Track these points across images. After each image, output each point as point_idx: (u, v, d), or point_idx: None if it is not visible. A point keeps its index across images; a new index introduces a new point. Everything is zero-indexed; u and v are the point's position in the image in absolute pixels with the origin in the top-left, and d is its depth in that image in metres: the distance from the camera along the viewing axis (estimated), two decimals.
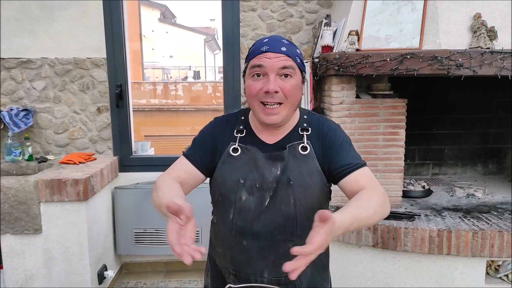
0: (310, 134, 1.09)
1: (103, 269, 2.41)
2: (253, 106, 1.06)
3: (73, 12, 2.59)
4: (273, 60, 1.01)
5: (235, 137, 1.11)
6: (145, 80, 12.99)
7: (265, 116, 1.03)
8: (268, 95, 1.01)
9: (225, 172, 1.08)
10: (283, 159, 1.06)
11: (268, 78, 1.01)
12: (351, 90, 2.06)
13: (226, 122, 1.16)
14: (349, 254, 2.07)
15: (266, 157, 1.07)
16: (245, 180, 1.05)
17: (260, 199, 1.04)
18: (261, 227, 1.04)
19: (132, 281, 2.72)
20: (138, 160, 2.82)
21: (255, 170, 1.06)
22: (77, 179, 2.13)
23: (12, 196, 2.09)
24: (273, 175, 1.05)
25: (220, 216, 1.12)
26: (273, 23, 2.69)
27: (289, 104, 1.04)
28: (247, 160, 1.07)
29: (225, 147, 1.10)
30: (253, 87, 1.03)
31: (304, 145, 1.07)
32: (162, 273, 2.83)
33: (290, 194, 1.03)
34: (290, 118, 1.10)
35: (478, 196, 2.40)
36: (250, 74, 1.05)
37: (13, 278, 2.20)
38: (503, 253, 1.86)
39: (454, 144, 2.86)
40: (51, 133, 2.72)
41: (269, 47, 1.02)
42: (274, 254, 1.05)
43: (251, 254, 1.06)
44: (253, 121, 1.13)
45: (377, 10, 2.06)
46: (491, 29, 1.89)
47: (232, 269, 1.10)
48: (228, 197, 1.06)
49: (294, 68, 1.03)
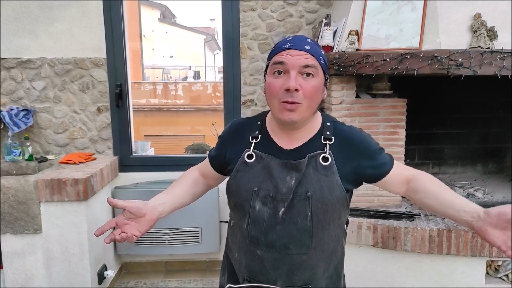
0: (333, 144, 1.05)
1: (103, 269, 2.41)
2: (272, 104, 1.02)
3: (73, 12, 2.59)
4: (295, 58, 0.98)
5: (250, 143, 1.08)
6: (145, 80, 12.98)
7: (283, 113, 0.99)
8: (288, 93, 0.97)
9: (239, 180, 1.06)
10: (300, 169, 1.01)
11: (289, 75, 0.97)
12: (351, 90, 2.06)
13: (242, 126, 1.14)
14: (349, 254, 2.05)
15: (281, 164, 1.03)
16: (259, 190, 1.03)
17: (273, 210, 1.01)
18: (275, 238, 1.02)
19: (132, 281, 2.72)
20: (138, 160, 2.82)
21: (269, 179, 1.03)
22: (77, 179, 2.13)
23: (12, 196, 2.09)
24: (287, 185, 1.01)
25: (236, 222, 1.12)
26: (273, 23, 2.68)
27: (307, 105, 0.99)
28: (261, 168, 1.04)
29: (237, 154, 1.09)
30: (273, 85, 1.00)
31: (325, 156, 1.02)
32: (162, 273, 2.83)
33: (308, 208, 1.00)
34: (309, 121, 1.05)
35: (478, 195, 2.40)
36: (271, 72, 1.02)
37: (13, 278, 2.20)
38: (502, 253, 1.86)
39: (454, 144, 2.86)
40: (51, 133, 2.72)
41: (292, 44, 1.00)
42: (287, 265, 1.04)
43: (264, 264, 1.04)
44: (271, 124, 1.10)
45: (377, 9, 2.06)
46: (491, 29, 1.89)
47: (247, 275, 1.09)
48: (243, 206, 1.05)
49: (316, 68, 1.00)
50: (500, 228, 0.91)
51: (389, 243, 1.95)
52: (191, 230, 2.63)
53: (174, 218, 2.62)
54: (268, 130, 1.10)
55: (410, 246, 1.92)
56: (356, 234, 2.01)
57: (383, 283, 2.03)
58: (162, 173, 2.77)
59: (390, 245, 1.96)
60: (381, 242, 1.97)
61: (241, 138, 1.11)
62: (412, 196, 1.10)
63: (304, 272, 1.05)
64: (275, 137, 1.08)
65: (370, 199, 2.14)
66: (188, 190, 1.20)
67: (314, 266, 1.06)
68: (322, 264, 1.07)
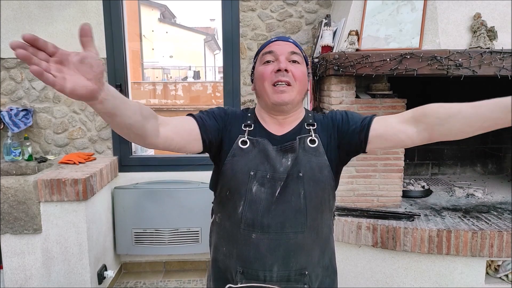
0: (316, 129, 1.12)
1: (102, 269, 2.41)
2: (264, 89, 1.09)
3: (72, 12, 2.59)
4: (282, 46, 1.10)
5: (243, 130, 1.11)
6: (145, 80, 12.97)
7: (276, 95, 1.06)
8: (279, 73, 1.06)
9: (235, 165, 1.08)
10: (294, 150, 1.07)
11: (279, 60, 1.07)
12: (350, 90, 2.06)
13: (236, 114, 1.17)
14: (348, 254, 2.07)
15: (276, 149, 1.08)
16: (256, 172, 1.06)
17: (271, 189, 1.05)
18: (271, 219, 1.04)
19: (132, 281, 2.72)
20: (138, 160, 2.82)
21: (266, 161, 1.06)
22: (77, 179, 2.13)
23: (12, 196, 2.09)
24: (284, 165, 1.06)
25: (226, 212, 1.11)
26: (273, 23, 2.69)
27: (297, 87, 1.08)
28: (257, 152, 1.08)
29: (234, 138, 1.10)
30: (264, 70, 1.09)
31: (312, 138, 1.09)
32: (161, 273, 2.83)
33: (300, 186, 1.05)
34: (297, 108, 1.13)
35: (477, 196, 2.41)
36: (261, 63, 1.11)
37: (13, 278, 2.20)
38: (502, 253, 1.87)
39: (454, 144, 2.86)
40: (51, 133, 2.72)
41: (277, 38, 1.13)
42: (283, 247, 1.05)
43: (259, 249, 1.05)
44: (260, 114, 1.16)
45: (377, 10, 2.06)
46: (491, 29, 1.89)
47: (240, 266, 1.07)
48: (238, 190, 1.06)
49: (301, 56, 1.11)
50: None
51: (389, 243, 1.96)
52: (191, 230, 2.63)
53: (174, 218, 2.63)
54: (259, 119, 1.15)
55: (410, 246, 1.92)
56: (355, 234, 2.01)
57: (382, 283, 2.03)
58: (161, 173, 2.77)
59: (389, 245, 1.96)
60: (381, 242, 1.97)
61: (238, 124, 1.13)
62: (431, 131, 0.94)
63: (300, 255, 1.06)
64: (265, 125, 1.14)
65: (370, 199, 2.14)
66: (138, 110, 0.87)
67: (310, 250, 1.08)
68: (317, 249, 1.10)
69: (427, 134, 0.96)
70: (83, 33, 0.69)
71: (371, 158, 2.09)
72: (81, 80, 0.69)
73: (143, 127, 0.87)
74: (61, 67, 0.67)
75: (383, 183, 2.13)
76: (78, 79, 0.68)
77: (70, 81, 0.67)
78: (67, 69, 0.68)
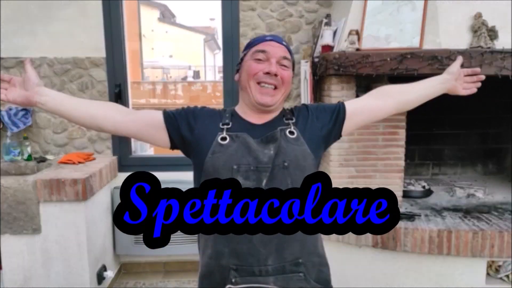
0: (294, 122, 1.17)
1: (102, 270, 2.41)
2: (249, 86, 1.12)
3: (72, 11, 2.58)
4: (276, 49, 1.13)
5: (221, 128, 1.13)
6: (145, 80, 12.96)
7: (260, 95, 1.11)
8: (268, 76, 1.10)
9: (216, 161, 1.08)
10: (276, 139, 1.09)
11: (270, 62, 1.11)
12: (350, 90, 2.06)
13: (213, 113, 1.19)
14: (348, 254, 2.06)
15: (257, 141, 1.10)
16: (239, 166, 1.06)
17: (257, 181, 1.06)
18: None
19: (131, 281, 2.71)
20: (138, 160, 2.82)
21: (248, 154, 1.07)
22: (76, 179, 2.12)
23: (11, 196, 2.08)
24: (267, 156, 1.07)
25: None
26: (273, 22, 2.68)
27: (283, 91, 1.14)
28: (238, 146, 1.09)
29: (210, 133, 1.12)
30: (254, 66, 1.12)
31: (291, 130, 1.13)
32: (161, 273, 2.82)
33: (287, 176, 1.07)
34: (280, 107, 1.19)
35: (478, 196, 2.40)
36: (252, 58, 1.13)
37: (12, 278, 2.20)
38: (503, 253, 1.86)
39: (454, 144, 2.86)
40: (50, 132, 2.72)
41: (272, 38, 1.15)
42: (277, 239, 1.04)
43: (253, 242, 1.04)
44: (241, 107, 1.19)
45: (377, 9, 2.05)
46: (492, 29, 1.89)
47: (233, 264, 1.05)
48: None
49: (290, 62, 1.16)
50: (456, 79, 1.33)
51: (389, 243, 1.95)
52: None
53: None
54: (237, 112, 1.19)
55: (410, 246, 1.92)
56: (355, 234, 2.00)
57: (383, 283, 2.03)
58: (161, 173, 2.72)
59: (390, 245, 1.95)
60: (381, 242, 1.97)
61: (214, 121, 1.15)
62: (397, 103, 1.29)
63: (294, 244, 1.06)
64: (245, 116, 1.17)
65: None
66: (90, 110, 1.13)
67: (303, 239, 1.08)
68: (310, 237, 1.10)
69: (393, 102, 1.27)
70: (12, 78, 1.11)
71: (371, 158, 2.09)
72: (20, 92, 1.08)
73: (95, 125, 1.15)
74: (8, 85, 1.09)
75: (383, 183, 2.12)
76: (18, 91, 1.08)
77: (10, 93, 1.08)
78: (13, 87, 1.09)
